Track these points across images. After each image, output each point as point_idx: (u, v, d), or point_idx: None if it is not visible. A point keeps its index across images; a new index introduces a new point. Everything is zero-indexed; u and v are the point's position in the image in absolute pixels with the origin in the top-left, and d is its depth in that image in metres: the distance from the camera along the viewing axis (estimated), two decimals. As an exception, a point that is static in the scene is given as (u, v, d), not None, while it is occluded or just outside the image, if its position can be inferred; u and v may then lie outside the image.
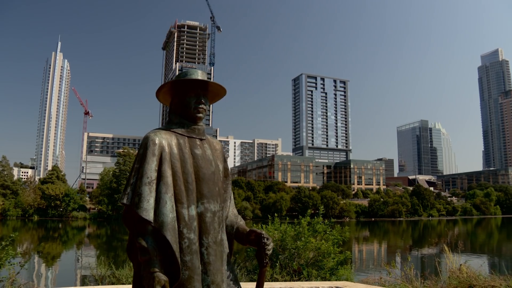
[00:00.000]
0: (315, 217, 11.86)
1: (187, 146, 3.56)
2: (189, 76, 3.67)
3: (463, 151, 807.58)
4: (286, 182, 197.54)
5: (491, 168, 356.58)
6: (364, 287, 7.51)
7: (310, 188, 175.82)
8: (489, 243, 67.09)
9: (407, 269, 9.46)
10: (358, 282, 9.76)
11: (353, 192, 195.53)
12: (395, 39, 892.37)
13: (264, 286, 7.41)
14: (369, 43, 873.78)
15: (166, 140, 3.45)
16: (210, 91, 3.81)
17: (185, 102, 3.67)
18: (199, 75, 3.69)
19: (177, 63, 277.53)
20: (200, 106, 3.67)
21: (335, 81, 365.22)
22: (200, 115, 3.68)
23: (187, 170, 3.43)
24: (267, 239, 3.57)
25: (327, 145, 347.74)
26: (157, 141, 3.38)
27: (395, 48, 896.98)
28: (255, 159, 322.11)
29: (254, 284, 7.90)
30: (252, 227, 3.73)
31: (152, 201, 3.21)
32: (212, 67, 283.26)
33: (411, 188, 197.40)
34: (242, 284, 7.57)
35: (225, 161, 3.90)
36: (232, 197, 3.94)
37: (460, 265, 8.03)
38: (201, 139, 3.70)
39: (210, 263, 3.35)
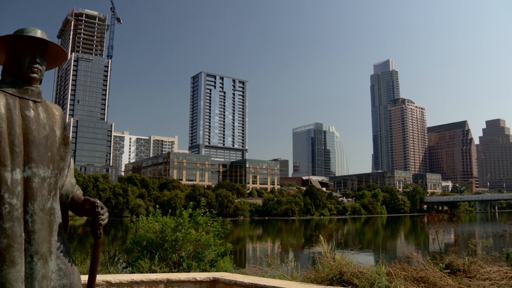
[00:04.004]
0: (197, 209, 11.82)
1: (17, 107, 3.27)
2: (26, 33, 3.37)
3: (354, 154, 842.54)
4: (182, 180, 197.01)
5: (379, 171, 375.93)
6: (242, 277, 7.52)
7: (206, 186, 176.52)
8: (375, 240, 70.49)
9: (288, 261, 9.62)
10: (237, 273, 9.81)
11: (248, 191, 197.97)
12: (294, 43, 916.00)
13: (141, 278, 7.24)
14: (269, 46, 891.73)
15: None
16: (50, 53, 3.55)
17: (19, 60, 3.37)
18: (38, 33, 3.40)
19: (73, 53, 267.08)
20: (35, 65, 3.39)
21: (234, 81, 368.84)
22: (35, 75, 3.39)
23: (15, 132, 3.15)
24: (102, 208, 3.37)
25: (223, 144, 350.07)
26: None
27: (295, 52, 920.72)
28: (151, 156, 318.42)
29: (129, 276, 7.71)
30: (87, 196, 3.46)
31: None
32: (110, 60, 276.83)
33: (304, 188, 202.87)
34: (121, 276, 7.35)
35: (65, 128, 3.62)
36: (71, 166, 3.68)
37: (334, 254, 8.28)
38: (35, 101, 3.39)
39: (35, 231, 3.10)
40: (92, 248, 3.47)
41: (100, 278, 7.01)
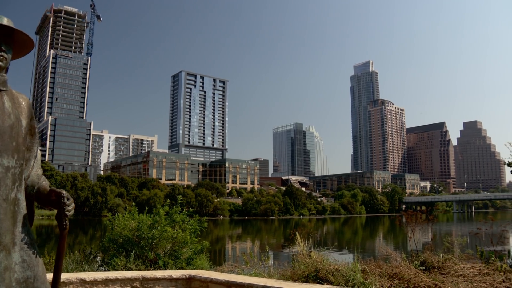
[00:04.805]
0: (174, 207, 11.77)
1: None
2: None
3: (334, 154, 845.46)
4: (161, 179, 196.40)
5: (358, 171, 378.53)
6: (218, 275, 7.51)
7: (185, 185, 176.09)
8: (353, 239, 70.89)
9: (265, 260, 9.63)
10: (213, 270, 9.79)
11: (228, 191, 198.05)
12: (276, 44, 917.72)
13: (116, 276, 7.18)
14: (250, 46, 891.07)
15: None
16: (16, 42, 3.45)
17: None
18: (4, 21, 3.31)
19: (52, 50, 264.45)
20: (0, 53, 3.30)
21: (214, 80, 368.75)
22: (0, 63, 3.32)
23: None
24: (68, 199, 3.31)
25: (203, 144, 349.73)
26: None
27: (276, 52, 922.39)
28: (130, 155, 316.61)
29: (104, 273, 7.64)
30: (53, 187, 3.40)
31: None
32: (90, 57, 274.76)
33: (284, 188, 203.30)
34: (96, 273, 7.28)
35: (32, 118, 3.52)
36: (38, 157, 3.58)
37: (310, 252, 8.31)
38: (0, 90, 3.31)
39: None
40: (58, 240, 3.39)
41: (74, 276, 6.94)
